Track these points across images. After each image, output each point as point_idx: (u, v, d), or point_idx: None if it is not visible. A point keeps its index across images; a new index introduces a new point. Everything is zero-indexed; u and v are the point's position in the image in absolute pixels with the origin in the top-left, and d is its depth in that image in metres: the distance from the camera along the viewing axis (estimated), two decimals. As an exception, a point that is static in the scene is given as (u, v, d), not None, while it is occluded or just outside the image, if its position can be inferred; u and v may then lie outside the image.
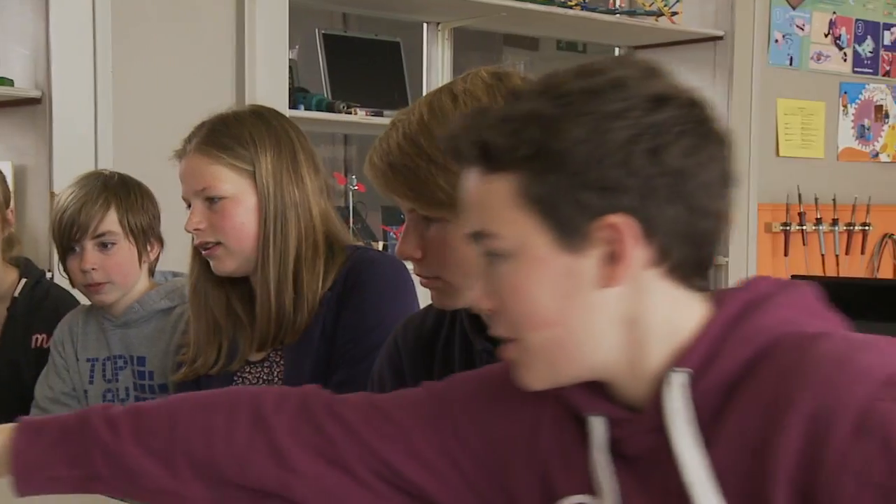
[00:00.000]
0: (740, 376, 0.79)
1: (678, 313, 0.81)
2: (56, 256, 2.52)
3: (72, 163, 2.57)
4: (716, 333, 0.80)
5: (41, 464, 0.98)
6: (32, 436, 0.99)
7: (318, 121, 3.02)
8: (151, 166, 1.89)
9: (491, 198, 0.81)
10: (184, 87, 2.76)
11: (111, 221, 1.77)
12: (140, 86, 2.72)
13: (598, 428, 0.85)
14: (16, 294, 2.04)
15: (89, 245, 1.77)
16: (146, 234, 1.81)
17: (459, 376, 0.97)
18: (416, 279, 1.28)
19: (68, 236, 1.77)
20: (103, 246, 1.77)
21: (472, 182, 0.83)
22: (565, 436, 0.88)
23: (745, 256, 3.94)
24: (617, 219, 0.78)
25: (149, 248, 1.82)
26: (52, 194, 2.56)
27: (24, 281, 2.05)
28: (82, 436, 0.99)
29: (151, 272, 1.87)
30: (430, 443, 0.92)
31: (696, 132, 0.80)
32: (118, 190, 1.80)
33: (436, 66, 3.60)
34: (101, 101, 2.62)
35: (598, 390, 0.85)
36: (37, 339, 1.99)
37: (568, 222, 0.79)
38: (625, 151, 0.77)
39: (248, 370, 1.55)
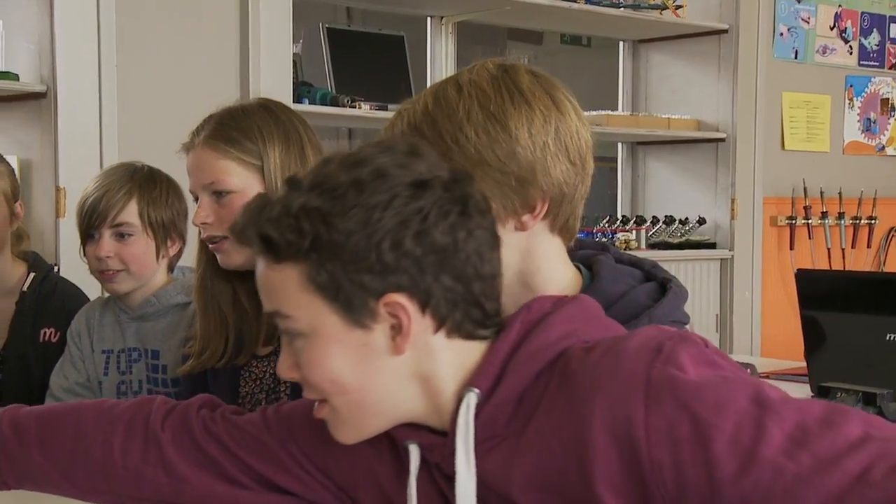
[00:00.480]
0: (534, 391, 0.88)
1: (468, 359, 0.90)
2: (62, 251, 2.54)
3: (77, 157, 2.57)
4: (501, 356, 0.89)
5: None
6: None
7: (322, 115, 3.02)
8: (155, 160, 1.89)
9: (280, 284, 0.89)
10: (188, 82, 2.76)
11: (130, 213, 1.79)
12: (144, 80, 2.72)
13: (413, 454, 0.94)
14: (24, 288, 2.04)
15: (107, 233, 1.78)
16: (167, 229, 1.82)
17: (301, 407, 1.03)
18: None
19: (88, 222, 1.79)
20: (120, 236, 1.79)
21: (262, 269, 0.91)
22: (398, 461, 0.97)
23: (750, 250, 3.93)
24: (395, 297, 0.86)
25: (169, 244, 1.83)
26: (58, 189, 2.56)
27: (32, 275, 2.06)
28: None
29: (171, 268, 1.88)
30: (292, 458, 1.03)
31: (457, 210, 0.88)
32: (143, 182, 1.81)
33: (440, 60, 3.60)
34: (105, 95, 2.62)
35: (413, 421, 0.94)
36: (45, 332, 2.00)
37: (352, 303, 0.87)
38: (394, 237, 0.86)
39: (254, 364, 1.55)
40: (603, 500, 0.83)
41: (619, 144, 4.13)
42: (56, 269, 2.24)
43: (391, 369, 0.89)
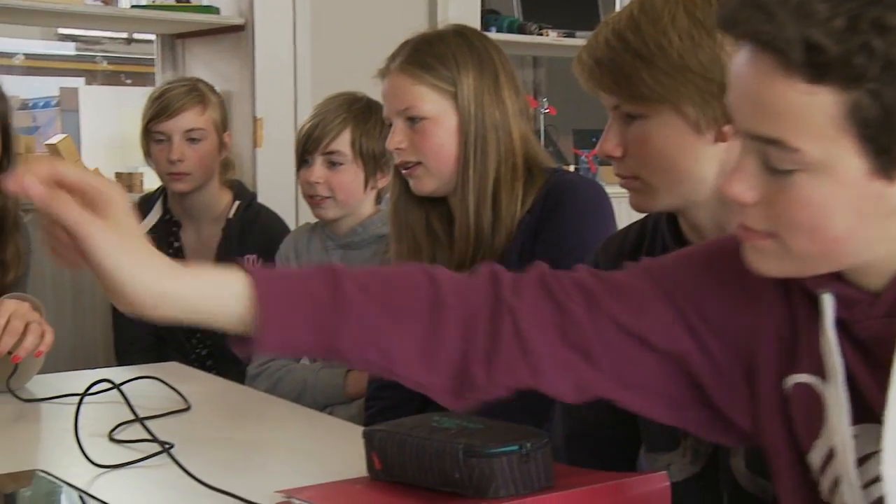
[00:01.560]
0: None
1: None
2: (259, 180, 2.65)
3: (273, 87, 2.66)
4: None
5: (285, 331, 0.85)
6: (276, 298, 0.84)
7: (508, 43, 2.99)
8: (348, 89, 1.93)
9: (803, 109, 0.73)
10: (377, 12, 2.80)
11: (343, 142, 1.84)
12: (336, 11, 2.77)
13: (828, 306, 0.82)
14: (230, 215, 2.15)
15: (319, 160, 1.85)
16: (377, 161, 1.86)
17: (683, 256, 0.93)
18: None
19: (303, 148, 1.86)
20: (332, 164, 1.85)
21: (777, 85, 0.74)
22: (796, 312, 0.86)
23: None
24: None
25: (378, 175, 1.88)
26: (255, 119, 2.66)
27: (237, 203, 2.16)
28: (335, 310, 0.85)
29: (380, 199, 1.92)
30: (667, 312, 0.88)
31: None
32: (359, 113, 1.86)
33: (628, -15, 3.48)
34: (299, 26, 2.69)
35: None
36: (248, 259, 2.10)
37: (892, 150, 0.73)
38: None
39: (447, 291, 1.57)
40: None
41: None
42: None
43: (890, 220, 0.76)
